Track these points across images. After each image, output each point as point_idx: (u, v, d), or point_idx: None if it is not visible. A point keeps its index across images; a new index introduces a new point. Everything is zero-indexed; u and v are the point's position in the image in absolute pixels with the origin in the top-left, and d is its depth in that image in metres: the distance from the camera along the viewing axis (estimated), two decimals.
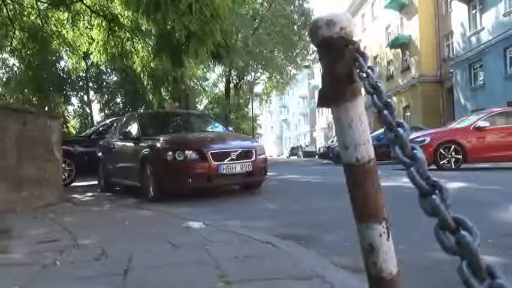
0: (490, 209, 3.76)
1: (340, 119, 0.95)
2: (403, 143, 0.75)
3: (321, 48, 0.96)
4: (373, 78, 0.85)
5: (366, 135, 0.97)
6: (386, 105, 0.81)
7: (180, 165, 5.49)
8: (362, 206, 0.99)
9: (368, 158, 0.97)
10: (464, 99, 21.13)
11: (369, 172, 0.98)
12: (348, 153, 0.97)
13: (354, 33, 0.95)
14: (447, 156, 8.90)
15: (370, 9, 34.41)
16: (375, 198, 0.97)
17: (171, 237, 2.87)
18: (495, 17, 18.37)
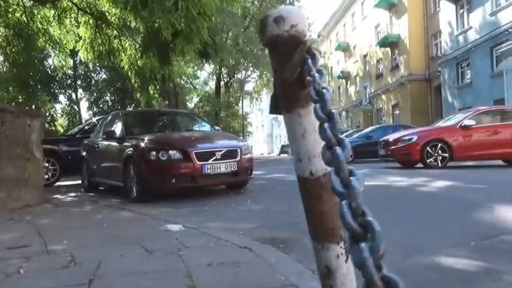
0: (474, 209, 3.74)
1: (293, 127, 0.88)
2: (339, 166, 0.64)
3: (270, 48, 0.89)
4: (319, 84, 0.76)
5: (321, 144, 0.90)
6: (329, 117, 0.71)
7: (163, 165, 5.40)
8: (317, 225, 0.92)
9: (324, 171, 0.89)
10: (452, 98, 21.28)
11: (325, 187, 0.90)
12: (301, 166, 0.90)
13: (306, 31, 0.87)
14: (434, 154, 8.93)
15: (360, 8, 34.50)
16: (332, 215, 0.90)
17: (146, 241, 2.79)
18: (482, 16, 18.50)
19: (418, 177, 6.79)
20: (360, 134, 16.43)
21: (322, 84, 0.76)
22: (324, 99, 0.74)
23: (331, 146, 0.67)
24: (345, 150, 0.66)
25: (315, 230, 0.93)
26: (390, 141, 9.89)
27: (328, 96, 0.73)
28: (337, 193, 0.59)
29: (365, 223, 0.55)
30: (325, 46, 41.98)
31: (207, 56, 9.39)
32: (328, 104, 0.72)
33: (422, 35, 25.83)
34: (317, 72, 0.77)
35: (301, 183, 0.92)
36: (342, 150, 0.65)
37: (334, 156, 0.65)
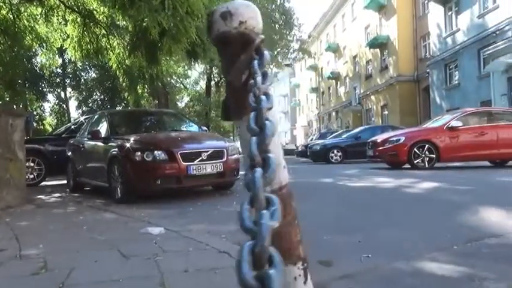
0: (459, 212, 3.73)
1: (243, 136, 0.82)
2: (254, 194, 0.53)
3: (218, 46, 0.82)
4: (259, 89, 0.67)
5: (277, 155, 0.83)
6: (261, 129, 0.62)
7: (148, 165, 5.32)
8: (272, 244, 0.86)
9: (279, 185, 0.83)
10: (440, 99, 21.45)
11: (281, 202, 0.84)
12: None
13: (258, 28, 0.80)
14: (421, 155, 8.96)
15: (350, 10, 34.64)
16: (289, 233, 0.83)
17: (124, 245, 2.73)
18: (470, 18, 18.67)
19: (404, 178, 6.80)
20: (348, 134, 16.48)
21: (265, 89, 0.67)
22: (260, 106, 0.64)
23: (253, 166, 0.57)
24: (268, 172, 0.56)
25: None
26: (378, 142, 9.92)
27: (266, 104, 0.63)
28: (243, 229, 0.50)
29: (262, 276, 0.43)
30: (315, 47, 42.06)
31: (196, 55, 9.30)
32: (263, 113, 0.63)
33: (411, 37, 26.01)
34: (261, 75, 0.70)
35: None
36: (264, 172, 0.55)
37: (249, 180, 0.54)
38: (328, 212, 4.21)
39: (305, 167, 13.80)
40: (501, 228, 3.01)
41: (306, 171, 10.90)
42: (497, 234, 2.84)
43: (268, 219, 0.48)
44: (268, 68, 8.47)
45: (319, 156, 15.46)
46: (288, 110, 63.81)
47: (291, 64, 35.86)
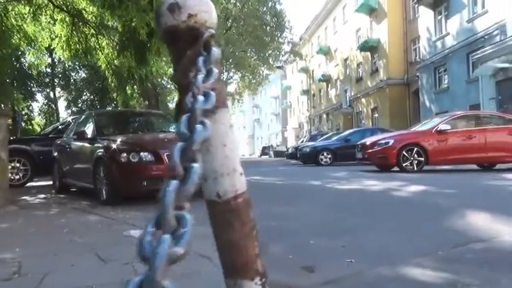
0: (445, 215, 3.72)
1: None
2: (162, 212, 0.46)
3: (167, 42, 0.77)
4: (198, 88, 0.60)
5: (232, 161, 0.78)
6: (191, 133, 0.54)
7: (134, 167, 5.24)
8: (227, 257, 0.79)
9: (234, 193, 0.78)
10: (429, 102, 21.61)
11: (236, 212, 0.77)
12: (207, 186, 0.78)
13: (211, 23, 0.74)
14: (410, 158, 8.99)
15: (342, 13, 34.82)
16: (246, 246, 0.78)
17: (104, 249, 2.67)
18: (459, 23, 18.85)
19: (392, 181, 6.80)
20: (338, 136, 16.52)
21: (205, 88, 0.60)
22: (194, 107, 0.57)
23: (174, 177, 0.50)
24: (186, 185, 0.48)
25: (225, 263, 0.81)
26: (367, 144, 9.93)
27: (203, 105, 0.56)
28: (140, 258, 0.42)
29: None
30: (306, 49, 42.16)
31: None
32: (196, 115, 0.55)
33: (402, 40, 26.20)
34: (206, 72, 0.65)
35: (207, 207, 0.80)
36: (182, 185, 0.47)
37: (161, 197, 0.46)
38: (315, 215, 4.17)
39: (295, 169, 13.78)
40: (487, 233, 2.99)
41: (295, 174, 10.88)
42: (483, 238, 2.83)
43: (167, 246, 0.40)
44: (257, 70, 8.35)
45: (309, 158, 15.47)
46: (279, 112, 63.90)
47: (282, 66, 35.96)
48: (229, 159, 0.75)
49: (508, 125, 9.33)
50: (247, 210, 0.77)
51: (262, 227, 3.09)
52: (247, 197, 0.77)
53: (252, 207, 0.79)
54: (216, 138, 0.75)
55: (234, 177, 0.76)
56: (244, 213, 0.77)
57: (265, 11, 25.85)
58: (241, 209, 0.76)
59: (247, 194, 0.79)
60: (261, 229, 2.93)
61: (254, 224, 0.78)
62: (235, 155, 0.76)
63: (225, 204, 0.77)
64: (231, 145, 0.76)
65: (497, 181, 6.67)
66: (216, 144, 0.75)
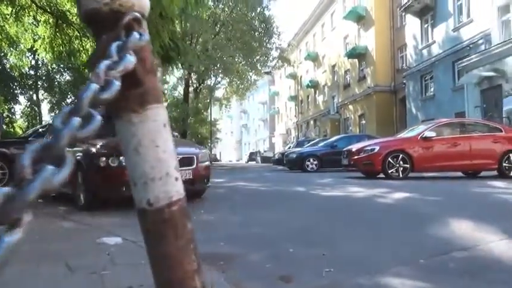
0: (428, 223, 3.67)
1: (124, 138, 0.68)
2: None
3: (89, 27, 0.68)
4: (97, 75, 0.50)
5: (165, 164, 0.68)
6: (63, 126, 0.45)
7: (113, 172, 5.09)
8: (161, 272, 0.69)
9: (168, 201, 0.68)
10: (416, 109, 21.79)
11: (170, 222, 0.68)
12: (137, 192, 0.69)
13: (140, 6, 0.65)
14: (395, 165, 8.97)
15: (330, 20, 35.07)
16: (181, 261, 0.68)
17: (74, 257, 2.54)
18: (445, 31, 19.08)
19: (377, 188, 6.75)
20: (325, 143, 16.51)
21: (112, 75, 0.51)
22: (82, 97, 0.47)
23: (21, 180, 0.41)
24: (21, 193, 0.39)
25: (158, 280, 0.71)
26: (353, 151, 9.90)
27: (94, 93, 0.46)
28: None
29: None
30: (295, 55, 42.34)
31: (170, 60, 9.12)
32: (81, 106, 0.46)
33: (389, 48, 26.46)
34: (118, 58, 0.55)
35: (138, 216, 0.70)
36: (18, 193, 0.38)
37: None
38: (297, 223, 4.08)
39: (280, 175, 13.71)
40: (469, 241, 2.94)
41: (281, 180, 10.80)
42: (466, 247, 2.77)
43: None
44: (245, 75, 8.23)
45: (295, 164, 15.42)
46: (267, 117, 63.98)
47: (270, 72, 36.00)
48: (162, 161, 0.66)
49: (492, 133, 9.40)
50: (184, 220, 0.67)
51: (243, 234, 3.01)
52: (183, 205, 0.67)
53: (189, 216, 0.69)
54: (146, 138, 0.66)
55: (167, 182, 0.67)
56: (179, 224, 0.67)
57: (253, 17, 25.88)
58: (176, 218, 0.67)
59: (184, 201, 0.69)
60: (241, 236, 2.84)
61: (192, 236, 0.68)
62: (169, 157, 0.67)
63: (156, 213, 0.68)
64: (165, 146, 0.66)
65: (481, 188, 6.67)
66: (146, 144, 0.65)
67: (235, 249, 2.98)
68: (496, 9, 15.50)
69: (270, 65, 31.02)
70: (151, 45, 0.71)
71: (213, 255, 2.81)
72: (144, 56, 0.66)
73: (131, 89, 0.64)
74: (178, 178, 0.67)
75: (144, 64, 0.66)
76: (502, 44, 14.35)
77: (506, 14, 15.37)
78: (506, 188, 6.60)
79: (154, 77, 0.67)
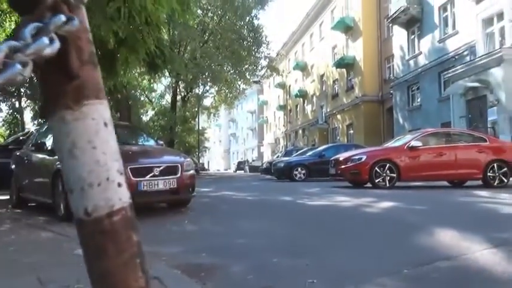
0: (414, 232, 3.64)
1: (58, 139, 0.61)
2: None
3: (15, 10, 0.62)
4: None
5: (105, 168, 0.61)
6: None
7: None
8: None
9: (109, 210, 0.61)
10: (402, 119, 21.96)
11: (111, 234, 0.61)
12: (73, 200, 0.62)
13: None
14: (382, 174, 8.96)
15: (318, 30, 35.36)
16: (124, 279, 0.61)
17: (48, 269, 2.44)
18: (431, 42, 19.34)
19: (364, 198, 6.72)
20: (313, 152, 16.50)
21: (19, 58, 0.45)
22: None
23: None
24: None
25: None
26: (340, 160, 9.89)
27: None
28: None
29: None
30: (283, 65, 42.56)
31: (156, 67, 9.03)
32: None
33: (376, 58, 26.72)
34: (32, 41, 0.49)
35: (76, 227, 0.63)
36: None
37: None
38: (282, 232, 4.01)
39: (268, 184, 13.64)
40: (454, 250, 2.91)
41: (268, 189, 10.73)
42: (450, 256, 2.74)
43: None
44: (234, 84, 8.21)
45: (283, 173, 15.37)
46: (256, 126, 64.00)
47: (259, 81, 36.08)
48: (102, 165, 0.59)
49: (477, 143, 9.47)
50: (128, 231, 0.60)
51: (226, 245, 2.92)
52: (128, 215, 0.60)
53: (135, 227, 0.62)
54: (83, 138, 0.59)
55: (108, 188, 0.60)
56: (122, 236, 0.60)
57: (242, 26, 25.94)
58: (118, 230, 0.60)
59: (130, 210, 0.62)
60: (224, 247, 2.75)
61: (138, 250, 0.61)
62: (111, 160, 0.60)
63: (95, 223, 0.60)
64: (105, 147, 0.60)
65: (466, 198, 6.69)
66: (82, 145, 0.58)
67: (217, 260, 2.91)
68: (481, 21, 15.78)
69: (259, 74, 31.05)
70: (89, 33, 0.65)
71: (193, 267, 2.73)
72: (80, 45, 0.60)
73: (64, 82, 0.57)
74: (122, 184, 0.60)
75: (80, 54, 0.60)
76: (486, 55, 14.57)
77: (490, 26, 15.65)
78: (490, 197, 6.62)
79: (93, 70, 0.60)
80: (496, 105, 13.91)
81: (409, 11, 20.14)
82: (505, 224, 4.06)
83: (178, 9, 8.27)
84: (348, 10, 28.70)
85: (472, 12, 15.97)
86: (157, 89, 33.98)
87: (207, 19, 24.97)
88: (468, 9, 16.17)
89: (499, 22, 15.08)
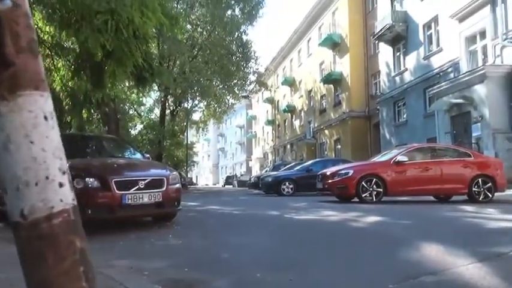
0: (399, 247, 3.62)
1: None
2: None
3: None
4: None
5: (44, 165, 0.57)
6: None
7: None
8: None
9: (48, 212, 0.57)
10: (389, 135, 22.19)
11: (50, 239, 0.57)
12: (9, 201, 0.58)
13: None
14: (369, 189, 8.97)
15: (306, 46, 35.80)
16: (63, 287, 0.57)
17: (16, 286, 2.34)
18: (416, 59, 19.70)
19: (350, 212, 6.71)
20: (300, 166, 16.51)
21: None
22: None
23: None
24: None
25: None
26: (327, 174, 9.89)
27: None
28: None
29: None
30: (272, 80, 42.86)
31: (144, 80, 9.00)
32: None
33: (363, 74, 27.09)
34: None
35: (13, 231, 0.59)
36: None
37: None
38: (267, 247, 3.97)
39: (256, 199, 13.56)
40: (439, 265, 2.90)
41: (255, 204, 10.67)
42: (435, 271, 2.73)
43: None
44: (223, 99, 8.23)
45: (271, 188, 15.32)
46: (244, 141, 64.03)
47: (248, 96, 36.20)
48: (40, 162, 0.54)
49: (462, 158, 9.58)
50: (70, 236, 0.56)
51: (210, 260, 2.86)
52: (70, 218, 0.56)
53: (79, 232, 0.58)
54: (18, 132, 0.54)
55: (47, 188, 0.55)
56: (63, 241, 0.56)
57: (231, 41, 26.10)
58: (58, 234, 0.55)
59: (73, 212, 0.58)
60: (208, 262, 2.70)
61: (82, 257, 0.57)
62: (51, 157, 0.56)
63: (32, 227, 0.56)
64: (45, 143, 0.55)
65: (452, 213, 6.72)
66: (17, 139, 0.54)
67: (200, 275, 2.85)
68: (464, 39, 16.15)
69: (248, 89, 31.16)
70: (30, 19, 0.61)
71: (175, 282, 2.67)
72: (16, 30, 0.56)
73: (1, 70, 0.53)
74: (65, 184, 0.57)
75: (17, 40, 0.56)
76: (469, 72, 14.87)
77: (473, 44, 16.02)
78: (476, 212, 6.67)
79: (33, 58, 0.57)
80: (480, 121, 14.15)
81: (395, 28, 20.55)
82: (490, 238, 4.07)
83: (167, 23, 8.30)
84: (335, 27, 29.16)
85: (455, 30, 16.35)
86: (147, 103, 33.88)
87: (196, 34, 25.08)
88: (452, 28, 16.56)
89: (482, 40, 15.45)
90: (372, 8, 25.98)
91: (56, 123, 0.56)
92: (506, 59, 14.02)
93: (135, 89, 18.20)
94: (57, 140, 0.54)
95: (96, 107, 11.65)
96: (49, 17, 9.46)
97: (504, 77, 13.90)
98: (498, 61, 14.31)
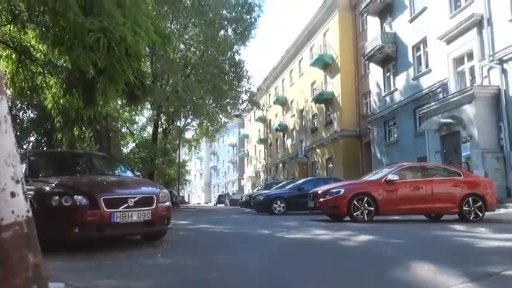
0: (390, 266, 3.59)
1: None
2: None
3: None
4: None
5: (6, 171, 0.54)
6: None
7: (66, 211, 4.79)
8: None
9: (13, 220, 0.53)
10: (380, 154, 22.32)
11: (9, 249, 0.53)
12: None
13: None
14: (360, 208, 8.95)
15: (298, 66, 36.25)
16: None
17: None
18: (406, 80, 20.01)
19: (341, 231, 6.68)
20: (292, 185, 16.48)
21: None
22: None
23: None
24: None
25: None
26: (319, 193, 9.87)
27: None
28: None
29: None
30: (264, 99, 43.16)
31: (136, 98, 9.00)
32: None
33: (354, 94, 27.42)
34: None
35: None
36: None
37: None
38: (257, 266, 3.92)
39: (247, 217, 13.47)
40: (430, 285, 2.89)
41: (247, 222, 10.59)
42: None
43: None
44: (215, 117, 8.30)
45: (263, 206, 15.24)
46: (236, 160, 63.97)
47: (240, 115, 36.37)
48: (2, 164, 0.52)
49: (452, 177, 9.63)
50: (22, 251, 0.53)
51: (199, 280, 2.82)
52: (22, 232, 0.54)
53: (33, 247, 0.55)
54: None
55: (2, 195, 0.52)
56: (14, 256, 0.53)
57: (224, 60, 26.34)
58: (7, 249, 0.53)
59: (27, 225, 0.55)
60: (197, 282, 2.66)
61: (35, 273, 0.54)
62: (2, 165, 0.53)
63: None
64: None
65: (443, 232, 6.72)
66: None
67: None
68: (452, 60, 16.47)
69: (240, 108, 31.33)
70: None
71: None
72: None
73: None
74: (18, 193, 0.54)
75: None
76: (458, 93, 15.12)
77: (461, 65, 16.34)
78: (467, 231, 6.67)
79: None
80: (469, 141, 14.31)
81: (384, 49, 20.91)
82: (481, 258, 4.07)
83: (159, 42, 8.36)
84: (326, 48, 29.62)
85: (443, 52, 16.68)
86: (139, 121, 33.85)
87: (189, 53, 25.29)
88: (440, 49, 16.90)
89: (469, 61, 15.77)
90: (362, 30, 26.47)
91: (10, 127, 0.53)
92: (494, 80, 14.30)
93: (128, 106, 18.21)
94: (11, 146, 0.51)
95: (87, 125, 11.60)
96: (42, 35, 9.51)
97: (492, 97, 14.15)
98: (486, 82, 14.58)
